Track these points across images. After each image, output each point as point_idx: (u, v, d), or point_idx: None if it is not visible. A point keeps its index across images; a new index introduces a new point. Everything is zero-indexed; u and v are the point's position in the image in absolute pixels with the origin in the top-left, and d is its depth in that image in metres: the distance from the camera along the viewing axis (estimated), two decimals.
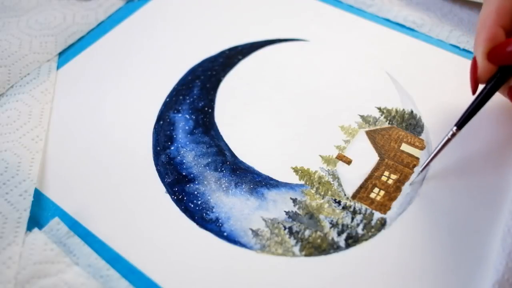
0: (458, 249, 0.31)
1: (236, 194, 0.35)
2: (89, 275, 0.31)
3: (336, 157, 0.37)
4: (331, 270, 0.31)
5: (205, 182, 0.36)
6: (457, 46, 0.43)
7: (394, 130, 0.38)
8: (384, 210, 0.33)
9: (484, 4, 0.34)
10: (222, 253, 0.32)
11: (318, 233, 0.33)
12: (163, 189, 0.36)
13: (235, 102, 0.41)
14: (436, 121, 0.38)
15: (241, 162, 0.37)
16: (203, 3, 0.51)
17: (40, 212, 0.35)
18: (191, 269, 0.32)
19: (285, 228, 0.33)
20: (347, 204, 0.34)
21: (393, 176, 0.35)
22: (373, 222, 0.33)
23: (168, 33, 0.48)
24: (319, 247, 0.32)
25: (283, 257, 0.32)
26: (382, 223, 0.33)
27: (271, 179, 0.36)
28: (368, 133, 0.38)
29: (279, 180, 0.36)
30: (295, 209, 0.34)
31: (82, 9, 0.50)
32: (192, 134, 0.40)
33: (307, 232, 0.33)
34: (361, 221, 0.33)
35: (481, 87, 0.33)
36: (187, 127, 0.40)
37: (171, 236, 0.33)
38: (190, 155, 0.38)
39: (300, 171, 0.36)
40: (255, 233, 0.33)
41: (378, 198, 0.34)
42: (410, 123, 0.38)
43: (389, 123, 0.39)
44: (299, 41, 0.46)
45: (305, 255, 0.32)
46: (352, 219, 0.33)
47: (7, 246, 0.32)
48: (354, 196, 0.34)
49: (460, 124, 0.33)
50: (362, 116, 0.39)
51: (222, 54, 0.45)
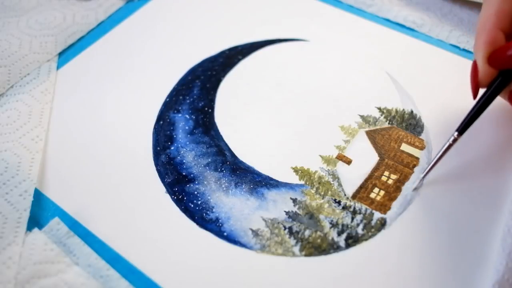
0: (458, 249, 0.31)
1: (236, 194, 0.35)
2: (89, 275, 0.31)
3: (336, 157, 0.37)
4: (331, 270, 0.31)
5: (205, 182, 0.36)
6: (457, 46, 0.43)
7: (394, 130, 0.38)
8: (384, 210, 0.33)
9: (483, 6, 0.33)
10: (222, 253, 0.32)
11: (318, 233, 0.33)
12: (163, 189, 0.36)
13: (235, 102, 0.41)
14: (436, 121, 0.38)
15: (241, 162, 0.37)
16: (203, 3, 0.51)
17: (40, 212, 0.35)
18: (191, 269, 0.32)
19: (285, 228, 0.33)
20: (347, 204, 0.34)
21: (393, 176, 0.35)
22: (373, 222, 0.33)
23: (168, 33, 0.48)
24: (319, 247, 0.32)
25: (283, 257, 0.32)
26: (382, 223, 0.33)
27: (271, 179, 0.36)
28: (368, 133, 0.38)
29: (279, 180, 0.36)
30: (295, 209, 0.34)
31: (82, 9, 0.50)
32: (192, 134, 0.40)
33: (307, 232, 0.33)
34: (361, 221, 0.33)
35: (481, 91, 0.33)
36: (187, 127, 0.40)
37: (171, 236, 0.33)
38: (190, 155, 0.38)
39: (300, 171, 0.36)
40: (255, 233, 0.33)
41: (378, 198, 0.34)
42: (410, 123, 0.38)
43: (389, 123, 0.39)
44: (299, 41, 0.46)
45: (305, 255, 0.32)
46: (352, 219, 0.33)
47: (7, 246, 0.32)
48: (354, 196, 0.34)
49: (462, 129, 0.32)
50: (362, 116, 0.39)
51: (222, 54, 0.45)
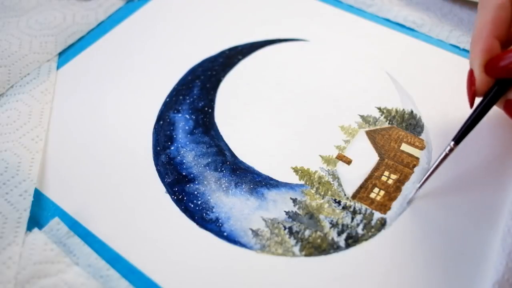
0: (458, 249, 0.31)
1: (236, 194, 0.35)
2: (89, 275, 0.31)
3: (336, 157, 0.37)
4: (331, 270, 0.31)
5: (205, 182, 0.36)
6: (457, 46, 0.43)
7: (394, 130, 0.38)
8: (384, 210, 0.33)
9: (478, 12, 0.33)
10: (222, 253, 0.32)
11: (318, 233, 0.33)
12: (163, 189, 0.36)
13: (235, 102, 0.41)
14: (436, 121, 0.38)
15: (241, 162, 0.37)
16: (203, 3, 0.51)
17: (40, 212, 0.35)
18: (191, 269, 0.32)
19: (285, 228, 0.33)
20: (347, 204, 0.34)
21: (393, 176, 0.35)
22: (373, 222, 0.33)
23: (168, 33, 0.48)
24: (319, 247, 0.32)
25: (283, 257, 0.32)
26: (382, 223, 0.33)
27: (271, 179, 0.36)
28: (368, 133, 0.38)
29: (279, 180, 0.36)
30: (295, 209, 0.34)
31: (82, 9, 0.50)
32: (192, 134, 0.40)
33: (307, 232, 0.33)
34: (361, 221, 0.33)
35: (477, 100, 0.33)
36: (187, 127, 0.40)
37: (171, 236, 0.33)
38: (190, 155, 0.38)
39: (300, 171, 0.36)
40: (255, 233, 0.33)
41: (378, 198, 0.34)
42: (410, 123, 0.38)
43: (389, 123, 0.39)
44: (299, 41, 0.46)
45: (305, 255, 0.32)
46: (352, 219, 0.33)
47: (7, 246, 0.32)
48: (354, 196, 0.34)
49: (458, 139, 0.32)
50: (362, 116, 0.39)
51: (222, 54, 0.45)
